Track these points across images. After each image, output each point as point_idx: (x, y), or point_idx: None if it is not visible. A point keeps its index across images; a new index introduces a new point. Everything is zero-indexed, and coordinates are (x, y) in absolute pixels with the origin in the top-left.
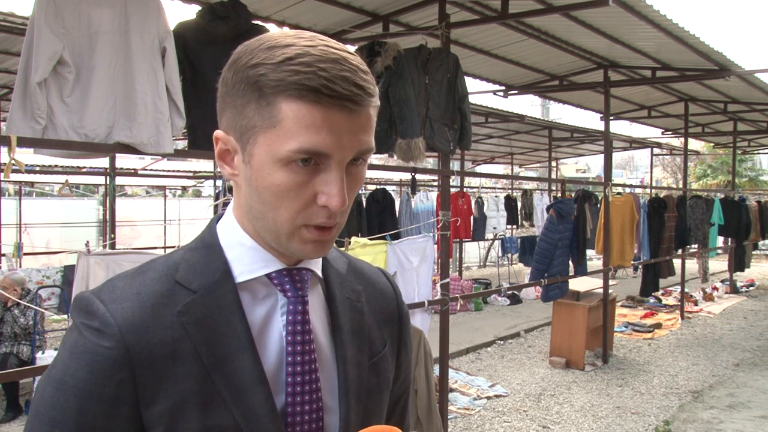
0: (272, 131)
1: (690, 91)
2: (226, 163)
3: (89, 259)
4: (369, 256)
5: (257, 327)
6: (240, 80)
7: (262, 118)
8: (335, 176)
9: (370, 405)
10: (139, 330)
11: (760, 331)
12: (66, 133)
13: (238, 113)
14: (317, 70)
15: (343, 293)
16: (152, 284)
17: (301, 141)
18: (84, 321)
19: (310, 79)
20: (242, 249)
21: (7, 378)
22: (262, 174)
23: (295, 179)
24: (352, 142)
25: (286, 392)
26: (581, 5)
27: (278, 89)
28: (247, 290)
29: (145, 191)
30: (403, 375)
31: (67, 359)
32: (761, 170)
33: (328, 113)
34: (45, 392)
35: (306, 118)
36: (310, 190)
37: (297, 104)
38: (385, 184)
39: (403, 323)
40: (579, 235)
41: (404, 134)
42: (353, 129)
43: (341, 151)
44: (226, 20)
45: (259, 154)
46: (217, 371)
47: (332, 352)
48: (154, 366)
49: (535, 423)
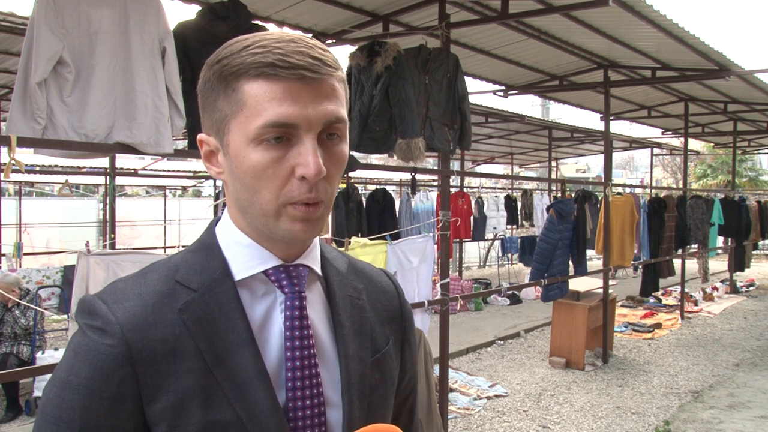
0: (240, 114)
1: (690, 91)
2: (212, 164)
3: (89, 259)
4: (369, 256)
5: (257, 324)
6: (209, 79)
7: (230, 105)
8: (307, 146)
9: (374, 401)
10: (140, 328)
11: (760, 331)
12: (66, 133)
13: (212, 110)
14: (272, 48)
15: (344, 291)
16: (153, 284)
17: (266, 116)
18: (87, 321)
19: (266, 56)
20: (239, 247)
21: (8, 378)
22: (239, 159)
23: (269, 156)
24: (317, 111)
25: (287, 387)
26: (581, 5)
27: (239, 73)
28: (247, 288)
29: (145, 191)
30: (409, 374)
31: (71, 359)
32: (761, 170)
33: (287, 84)
34: (50, 393)
35: (267, 92)
36: (286, 165)
37: (257, 82)
38: (385, 184)
39: (406, 322)
40: (579, 235)
41: (404, 134)
42: (316, 98)
43: (307, 120)
44: (226, 20)
45: (233, 140)
46: (218, 367)
47: (334, 348)
48: (155, 363)
49: (535, 423)
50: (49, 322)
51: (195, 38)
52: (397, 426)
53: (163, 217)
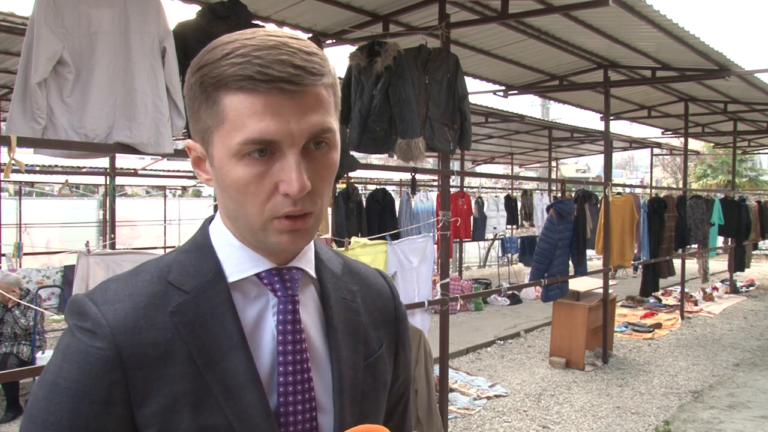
0: (222, 128)
1: (690, 91)
2: (201, 170)
3: (89, 259)
4: (369, 257)
5: (249, 327)
6: (191, 85)
7: (212, 117)
8: (290, 162)
9: (366, 405)
10: (131, 331)
11: (760, 331)
12: (66, 133)
13: (196, 118)
14: (252, 58)
15: (338, 293)
16: (145, 285)
17: (246, 132)
18: (76, 323)
19: (245, 68)
20: (231, 249)
21: (8, 378)
22: (222, 172)
23: (252, 172)
24: (300, 125)
25: (278, 392)
26: (581, 5)
27: (218, 86)
28: (239, 290)
29: (145, 191)
30: (402, 376)
31: (60, 361)
32: (761, 170)
33: (267, 99)
34: (38, 395)
35: (247, 107)
36: (270, 180)
37: (237, 96)
38: (385, 184)
39: (401, 324)
40: (579, 235)
41: (404, 134)
42: (298, 111)
43: (290, 136)
44: (226, 20)
45: (217, 153)
46: (210, 371)
47: (326, 353)
48: (146, 367)
49: (535, 423)
50: (49, 322)
51: (195, 38)
52: (387, 428)
53: (163, 217)
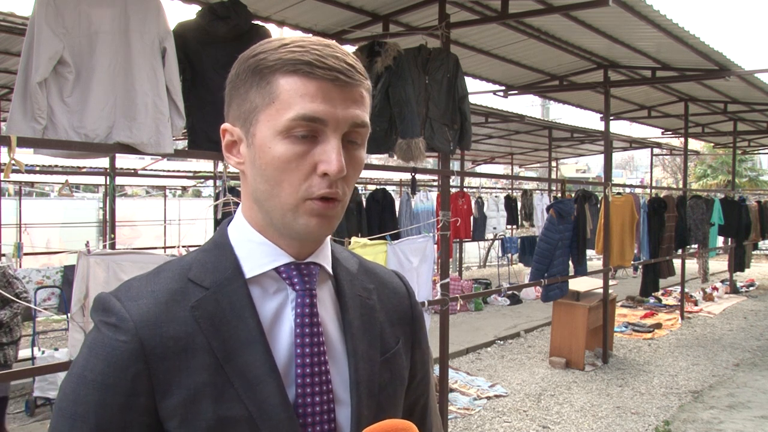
0: (272, 107)
1: (690, 91)
2: (233, 154)
3: (89, 259)
4: (369, 257)
5: (268, 321)
6: (242, 71)
7: (262, 97)
8: (333, 144)
9: (383, 400)
10: (153, 325)
11: (760, 331)
12: (66, 133)
13: (242, 101)
14: (311, 49)
15: (354, 290)
16: (166, 283)
17: (297, 109)
18: (102, 318)
19: (304, 55)
20: (251, 245)
21: (8, 378)
22: (263, 150)
23: (294, 150)
24: (345, 113)
25: (296, 384)
26: (581, 5)
27: (275, 68)
28: (258, 285)
29: (145, 191)
30: (420, 374)
31: (86, 355)
32: (761, 170)
33: (321, 84)
34: (66, 388)
35: (301, 88)
36: (310, 161)
37: (293, 77)
38: (385, 184)
39: (417, 323)
40: (579, 235)
41: (404, 134)
42: (346, 101)
43: (336, 120)
44: (226, 20)
45: (261, 131)
46: (229, 363)
47: (343, 347)
48: (168, 359)
49: (535, 423)
50: (49, 323)
51: (195, 38)
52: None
53: (163, 217)
